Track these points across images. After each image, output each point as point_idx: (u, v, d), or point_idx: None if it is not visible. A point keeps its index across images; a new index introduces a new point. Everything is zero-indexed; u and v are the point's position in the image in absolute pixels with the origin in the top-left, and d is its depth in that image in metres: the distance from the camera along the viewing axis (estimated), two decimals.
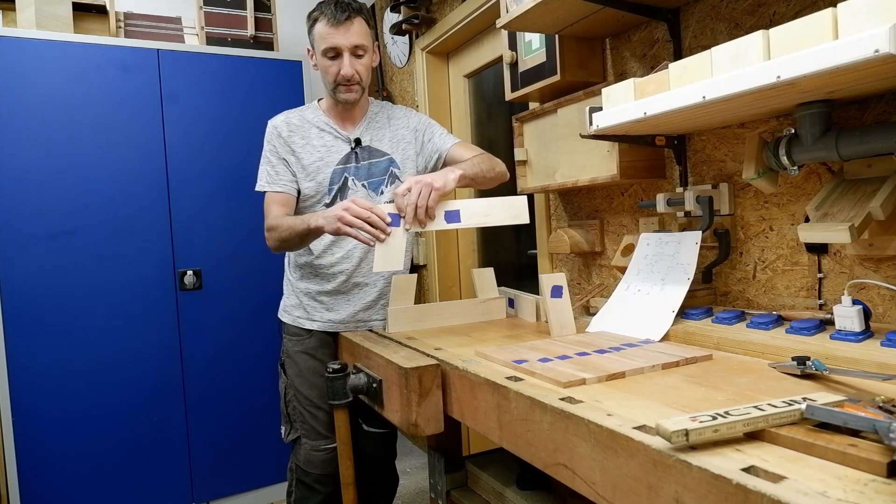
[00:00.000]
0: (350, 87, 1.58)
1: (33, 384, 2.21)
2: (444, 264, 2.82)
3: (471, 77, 2.69)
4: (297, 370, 1.69)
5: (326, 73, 1.58)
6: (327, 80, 1.59)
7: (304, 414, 1.68)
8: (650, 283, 1.30)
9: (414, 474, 2.88)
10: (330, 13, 1.52)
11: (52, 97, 2.24)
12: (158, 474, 2.41)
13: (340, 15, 1.51)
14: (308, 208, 1.66)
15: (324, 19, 1.52)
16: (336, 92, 1.60)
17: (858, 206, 0.99)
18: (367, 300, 1.70)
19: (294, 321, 1.71)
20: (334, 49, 1.54)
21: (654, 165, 1.51)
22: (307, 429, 1.68)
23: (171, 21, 2.62)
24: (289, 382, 1.71)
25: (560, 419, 0.82)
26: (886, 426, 0.57)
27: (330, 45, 1.53)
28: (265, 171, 1.65)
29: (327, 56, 1.55)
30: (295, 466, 1.72)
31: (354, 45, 1.55)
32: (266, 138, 1.67)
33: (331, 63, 1.56)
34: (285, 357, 1.73)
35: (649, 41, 1.54)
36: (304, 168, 1.63)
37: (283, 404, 1.74)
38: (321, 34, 1.54)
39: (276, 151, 1.64)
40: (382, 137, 1.71)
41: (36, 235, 2.22)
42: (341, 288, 1.68)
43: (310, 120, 1.66)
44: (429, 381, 1.16)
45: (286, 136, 1.64)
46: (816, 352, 0.94)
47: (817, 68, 0.81)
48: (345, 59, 1.55)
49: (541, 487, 1.37)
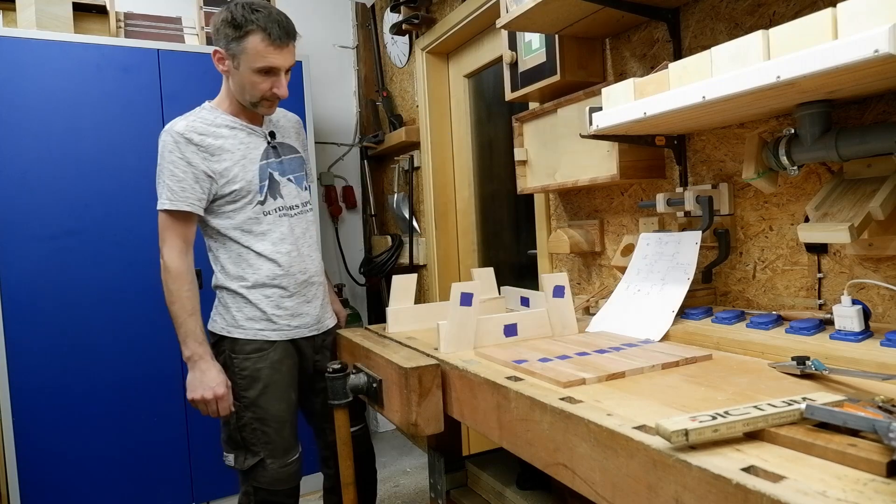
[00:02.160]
0: (274, 103, 1.59)
1: (33, 384, 2.21)
2: (444, 264, 2.83)
3: (471, 77, 2.69)
4: (261, 388, 1.56)
5: (254, 87, 1.52)
6: (252, 93, 1.53)
7: (269, 433, 1.57)
8: (650, 283, 1.30)
9: (414, 474, 2.88)
10: (275, 33, 1.47)
11: (52, 97, 2.24)
12: (158, 474, 2.41)
13: (285, 37, 1.49)
14: (238, 211, 1.57)
15: (263, 36, 1.46)
16: (258, 105, 1.56)
17: (858, 206, 0.99)
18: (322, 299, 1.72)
19: (255, 335, 1.59)
20: (272, 69, 1.50)
21: (653, 165, 1.51)
22: (271, 449, 1.57)
23: (171, 21, 2.62)
24: (242, 405, 1.57)
25: (560, 419, 0.82)
26: (886, 426, 0.57)
27: (269, 64, 1.49)
28: (166, 185, 1.52)
29: (260, 73, 1.50)
30: (254, 490, 1.59)
31: (290, 66, 1.55)
32: (166, 149, 1.53)
33: (262, 79, 1.51)
34: (238, 379, 1.57)
35: (649, 41, 1.54)
36: (228, 169, 1.55)
37: (235, 431, 1.58)
38: (257, 50, 1.47)
39: (183, 161, 1.51)
40: (288, 135, 1.71)
41: (36, 236, 2.22)
42: (301, 290, 1.65)
43: (213, 121, 1.58)
44: (429, 381, 1.16)
45: (198, 141, 1.53)
46: (816, 352, 0.94)
47: (817, 68, 0.81)
48: (282, 79, 1.53)
49: (541, 487, 1.37)
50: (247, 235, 1.59)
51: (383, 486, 2.75)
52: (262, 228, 1.60)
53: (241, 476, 1.63)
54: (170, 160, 1.52)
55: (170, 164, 1.52)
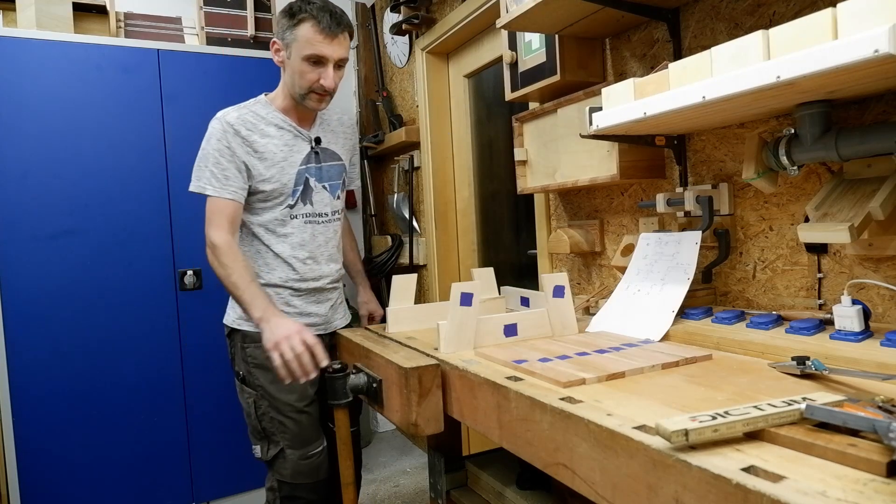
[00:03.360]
0: (324, 97, 1.57)
1: (33, 384, 2.21)
2: (444, 264, 2.83)
3: (471, 77, 2.69)
4: (271, 377, 1.55)
5: (302, 77, 1.52)
6: (300, 84, 1.54)
7: (286, 422, 1.59)
8: (650, 283, 1.30)
9: (414, 474, 2.88)
10: (325, 22, 1.47)
11: (52, 97, 2.24)
12: (158, 474, 2.41)
13: (335, 27, 1.49)
14: (267, 210, 1.60)
15: (315, 25, 1.48)
16: (306, 98, 1.56)
17: (858, 206, 0.99)
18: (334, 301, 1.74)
19: (256, 327, 1.56)
20: (321, 58, 1.50)
21: (653, 165, 1.51)
22: (290, 438, 1.59)
23: (171, 21, 2.62)
24: (258, 394, 1.60)
25: (560, 419, 0.82)
26: (886, 426, 0.57)
27: (318, 53, 1.49)
28: (210, 172, 1.53)
29: (309, 61, 1.50)
30: (278, 484, 1.60)
31: (340, 59, 1.53)
32: (214, 136, 1.55)
33: (310, 69, 1.51)
34: (251, 367, 1.61)
35: (649, 41, 1.54)
36: (266, 170, 1.56)
37: (255, 420, 1.62)
38: (308, 39, 1.48)
39: (229, 151, 1.54)
40: (335, 141, 1.71)
41: (36, 235, 2.22)
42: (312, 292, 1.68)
43: (264, 117, 1.60)
44: (429, 381, 1.16)
45: (245, 135, 1.55)
46: (816, 352, 0.94)
47: (817, 68, 0.81)
48: (329, 70, 1.52)
49: (541, 487, 1.37)
50: (270, 234, 1.62)
51: (383, 486, 2.75)
52: (285, 230, 1.62)
53: (268, 470, 1.65)
54: (216, 147, 1.54)
55: (215, 150, 1.54)
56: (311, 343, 1.44)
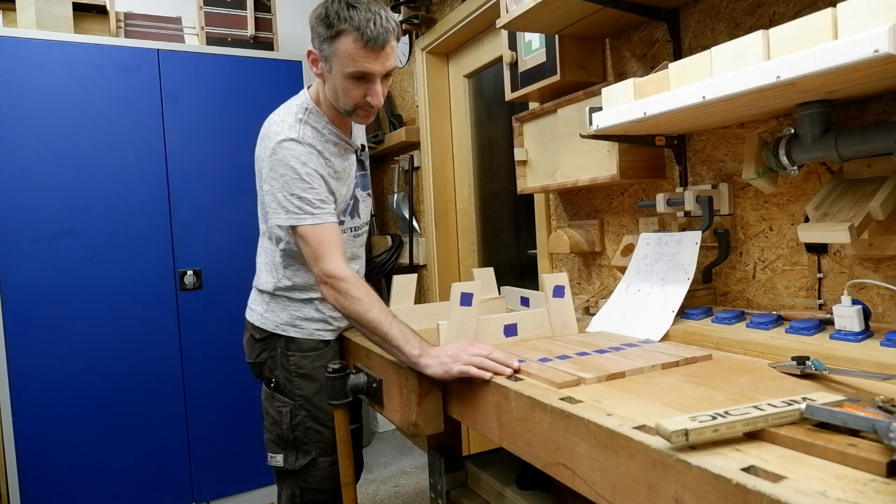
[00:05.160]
0: (370, 112, 1.42)
1: (33, 384, 2.21)
2: (444, 264, 2.83)
3: (471, 77, 2.69)
4: (317, 387, 1.50)
5: (347, 94, 1.36)
6: (346, 101, 1.37)
7: (323, 431, 1.52)
8: (650, 283, 1.30)
9: (414, 474, 2.88)
10: (369, 33, 1.27)
11: (52, 97, 2.24)
12: (158, 474, 2.41)
13: (379, 39, 1.29)
14: None
15: (358, 39, 1.28)
16: (353, 114, 1.42)
17: (858, 206, 0.99)
18: None
19: (311, 335, 1.52)
20: (366, 74, 1.33)
21: (653, 165, 1.51)
22: (325, 446, 1.53)
23: (171, 21, 2.62)
24: (296, 404, 1.52)
25: (560, 419, 0.82)
26: (886, 426, 0.57)
27: (362, 70, 1.31)
28: (304, 200, 1.35)
29: (353, 78, 1.33)
30: (301, 491, 1.53)
31: (387, 72, 1.36)
32: (298, 158, 1.37)
33: (354, 86, 1.34)
34: (293, 376, 1.52)
35: (649, 41, 1.54)
36: (339, 188, 1.46)
37: (287, 430, 1.53)
38: (350, 54, 1.29)
39: (316, 174, 1.38)
40: (365, 140, 1.67)
41: (36, 235, 2.22)
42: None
43: (321, 131, 1.45)
44: (429, 381, 1.16)
45: (326, 156, 1.41)
46: (816, 352, 0.94)
47: (817, 68, 0.81)
48: (376, 87, 1.35)
49: (541, 487, 1.37)
50: None
51: (383, 486, 2.75)
52: None
53: (288, 476, 1.56)
54: (305, 172, 1.36)
55: (303, 173, 1.36)
56: (472, 340, 1.23)
